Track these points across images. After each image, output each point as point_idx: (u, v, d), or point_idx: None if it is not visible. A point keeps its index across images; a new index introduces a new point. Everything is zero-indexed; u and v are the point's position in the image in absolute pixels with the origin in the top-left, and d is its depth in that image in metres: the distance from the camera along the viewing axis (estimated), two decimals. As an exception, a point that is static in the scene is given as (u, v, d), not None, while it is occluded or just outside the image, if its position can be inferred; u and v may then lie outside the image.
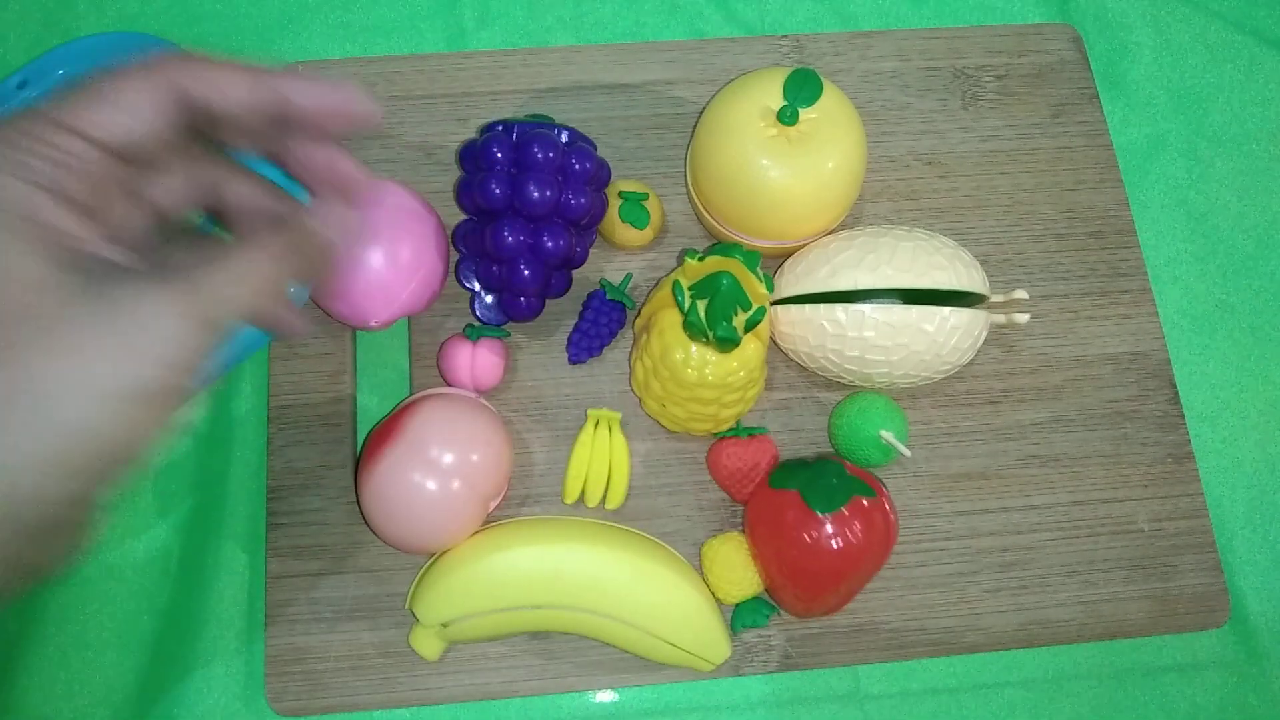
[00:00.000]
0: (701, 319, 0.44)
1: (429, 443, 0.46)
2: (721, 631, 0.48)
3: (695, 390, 0.47)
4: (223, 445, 0.54)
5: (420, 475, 0.46)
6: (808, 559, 0.46)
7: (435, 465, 0.46)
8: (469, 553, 0.47)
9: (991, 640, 0.51)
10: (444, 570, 0.47)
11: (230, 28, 0.62)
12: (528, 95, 0.59)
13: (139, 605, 0.51)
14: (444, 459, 0.46)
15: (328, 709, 0.49)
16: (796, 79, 0.49)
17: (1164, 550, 0.53)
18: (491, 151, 0.48)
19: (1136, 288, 0.58)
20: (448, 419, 0.47)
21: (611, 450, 0.52)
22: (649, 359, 0.48)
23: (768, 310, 0.46)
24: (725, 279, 0.44)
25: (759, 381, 0.50)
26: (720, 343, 0.44)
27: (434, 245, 0.51)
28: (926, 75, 0.61)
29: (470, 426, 0.47)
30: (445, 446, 0.46)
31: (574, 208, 0.48)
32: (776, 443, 0.53)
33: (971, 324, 0.49)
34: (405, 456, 0.46)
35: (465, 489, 0.46)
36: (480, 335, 0.52)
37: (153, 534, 0.52)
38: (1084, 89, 0.61)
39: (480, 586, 0.46)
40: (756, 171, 0.48)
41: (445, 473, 0.46)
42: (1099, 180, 0.59)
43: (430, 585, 0.47)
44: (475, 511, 0.48)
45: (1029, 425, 0.55)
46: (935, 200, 0.58)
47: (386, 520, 0.47)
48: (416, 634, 0.47)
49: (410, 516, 0.46)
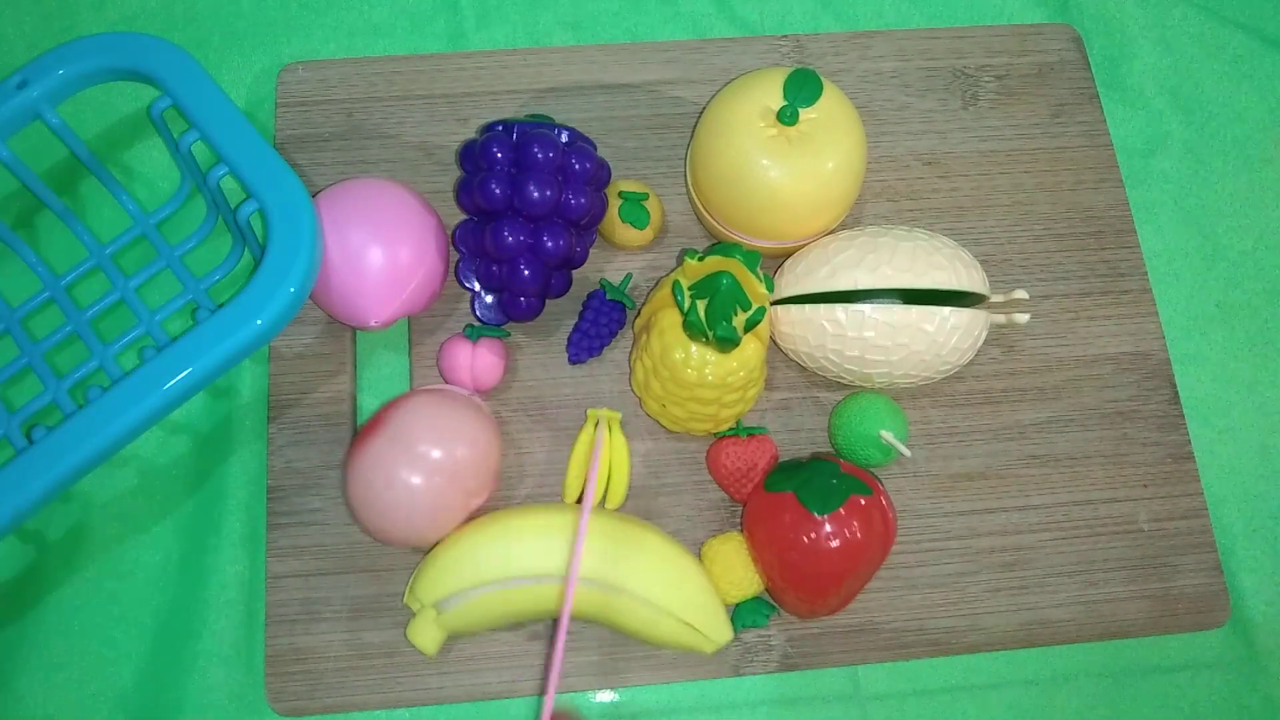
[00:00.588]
0: (701, 319, 0.44)
1: (413, 435, 0.46)
2: (724, 613, 0.48)
3: (695, 390, 0.47)
4: (223, 445, 0.54)
5: (403, 468, 0.46)
6: (807, 560, 0.46)
7: (419, 458, 0.46)
8: (465, 531, 0.47)
9: (991, 640, 0.51)
10: (440, 549, 0.47)
11: (230, 28, 0.62)
12: (528, 95, 0.59)
13: (139, 605, 0.51)
14: (428, 453, 0.46)
15: (328, 709, 0.49)
16: (796, 79, 0.49)
17: (1164, 550, 0.53)
18: (491, 151, 0.48)
19: (1136, 288, 0.58)
20: (433, 413, 0.47)
21: (612, 450, 0.52)
22: (649, 359, 0.48)
23: (768, 310, 0.46)
24: (725, 279, 0.44)
25: (759, 381, 0.50)
26: (720, 343, 0.44)
27: (434, 245, 0.51)
28: (926, 75, 0.61)
29: (456, 421, 0.47)
30: (429, 440, 0.46)
31: (574, 208, 0.48)
32: (777, 443, 0.53)
33: (971, 324, 0.49)
34: (387, 447, 0.46)
35: (445, 482, 0.46)
36: (480, 335, 0.52)
37: (153, 534, 0.52)
38: (1084, 89, 0.61)
39: (479, 559, 0.46)
40: (756, 171, 0.48)
41: (428, 466, 0.46)
42: (1099, 180, 0.59)
43: (425, 566, 0.47)
44: (456, 505, 0.47)
45: (1029, 425, 0.55)
46: (935, 200, 0.58)
47: (365, 509, 0.47)
48: (414, 625, 0.47)
49: (388, 507, 0.46)
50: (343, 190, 0.50)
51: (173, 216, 0.57)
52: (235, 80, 0.60)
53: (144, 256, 0.56)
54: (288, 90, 0.58)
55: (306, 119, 0.57)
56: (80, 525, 0.52)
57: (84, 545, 0.52)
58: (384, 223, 0.49)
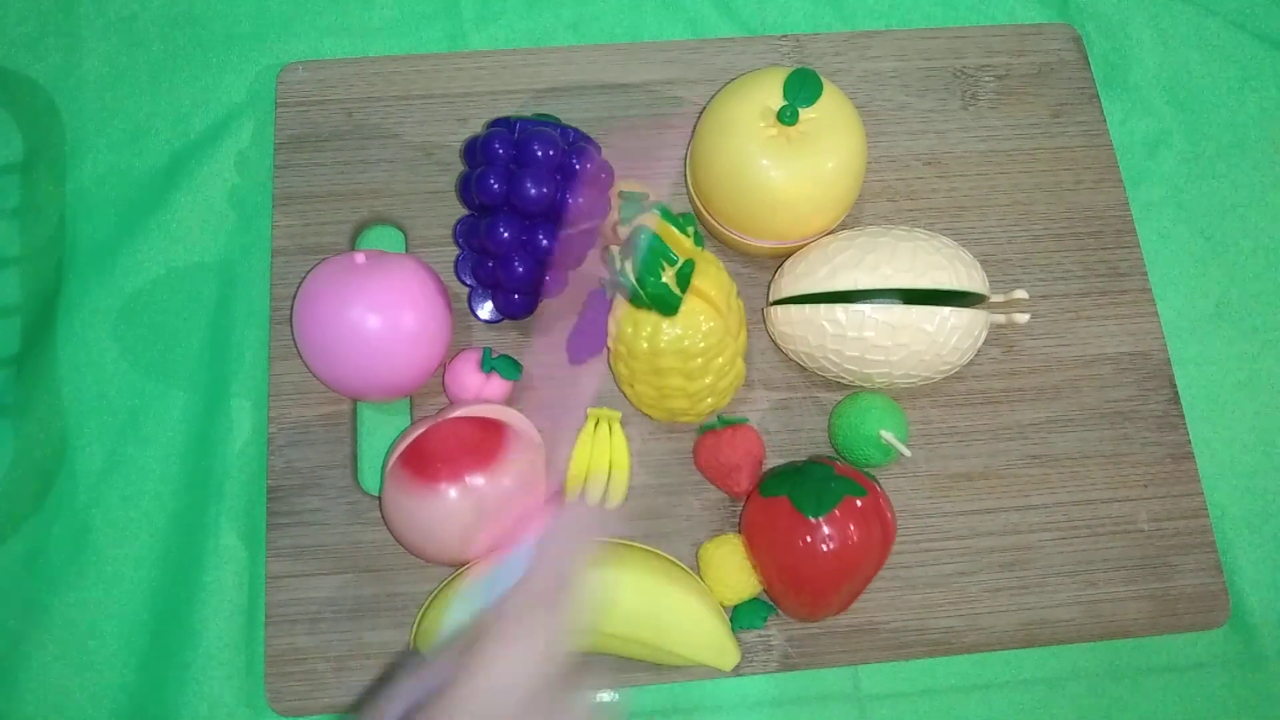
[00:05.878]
0: (631, 279, 0.44)
1: (499, 503, 0.46)
2: (730, 637, 0.48)
3: (653, 362, 0.46)
4: (223, 445, 0.54)
5: (462, 512, 0.46)
6: (805, 564, 0.46)
7: (488, 518, 0.46)
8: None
9: (991, 640, 0.51)
10: (446, 604, 0.47)
11: (230, 28, 0.62)
12: (527, 95, 0.59)
13: (139, 605, 0.51)
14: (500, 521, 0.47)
15: (328, 709, 0.49)
16: (796, 79, 0.49)
17: (1164, 550, 0.53)
18: (493, 147, 0.48)
19: (1136, 288, 0.58)
20: (523, 482, 0.48)
21: (611, 449, 0.52)
22: (613, 342, 0.48)
23: (719, 269, 0.45)
24: (643, 233, 0.44)
25: (732, 360, 0.49)
26: (657, 302, 0.44)
27: (439, 333, 0.50)
28: (926, 75, 0.61)
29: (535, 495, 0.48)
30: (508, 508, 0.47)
31: (571, 207, 0.48)
32: (777, 443, 0.53)
33: (971, 324, 0.49)
34: (459, 491, 0.46)
35: (484, 526, 0.47)
36: (493, 368, 0.51)
37: (152, 534, 0.52)
38: (1084, 89, 0.61)
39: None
40: (756, 171, 0.48)
41: (486, 518, 0.46)
42: (1099, 180, 0.59)
43: (434, 620, 0.47)
44: (481, 542, 0.47)
45: (1029, 425, 0.55)
46: (935, 200, 0.58)
47: (404, 529, 0.47)
48: None
49: (428, 535, 0.46)
50: (379, 268, 0.49)
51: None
52: (235, 80, 0.60)
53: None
54: (288, 90, 0.58)
55: (306, 119, 0.57)
56: (80, 525, 0.52)
57: (84, 545, 0.52)
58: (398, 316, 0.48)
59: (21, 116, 0.59)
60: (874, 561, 0.47)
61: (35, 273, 0.56)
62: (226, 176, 0.58)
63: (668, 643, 0.46)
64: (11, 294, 0.56)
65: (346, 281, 0.48)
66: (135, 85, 0.60)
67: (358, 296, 0.47)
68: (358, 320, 0.47)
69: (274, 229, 0.55)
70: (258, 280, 0.56)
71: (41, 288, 0.56)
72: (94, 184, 0.58)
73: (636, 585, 0.47)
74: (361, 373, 0.48)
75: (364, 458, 0.53)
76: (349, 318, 0.47)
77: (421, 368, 0.50)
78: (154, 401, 0.54)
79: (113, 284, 0.56)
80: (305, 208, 0.56)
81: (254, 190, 0.58)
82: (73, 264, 0.56)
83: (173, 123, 0.59)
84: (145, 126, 0.59)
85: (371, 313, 0.47)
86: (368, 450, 0.53)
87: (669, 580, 0.47)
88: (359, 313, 0.47)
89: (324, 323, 0.47)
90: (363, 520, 0.51)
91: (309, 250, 0.55)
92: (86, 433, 0.53)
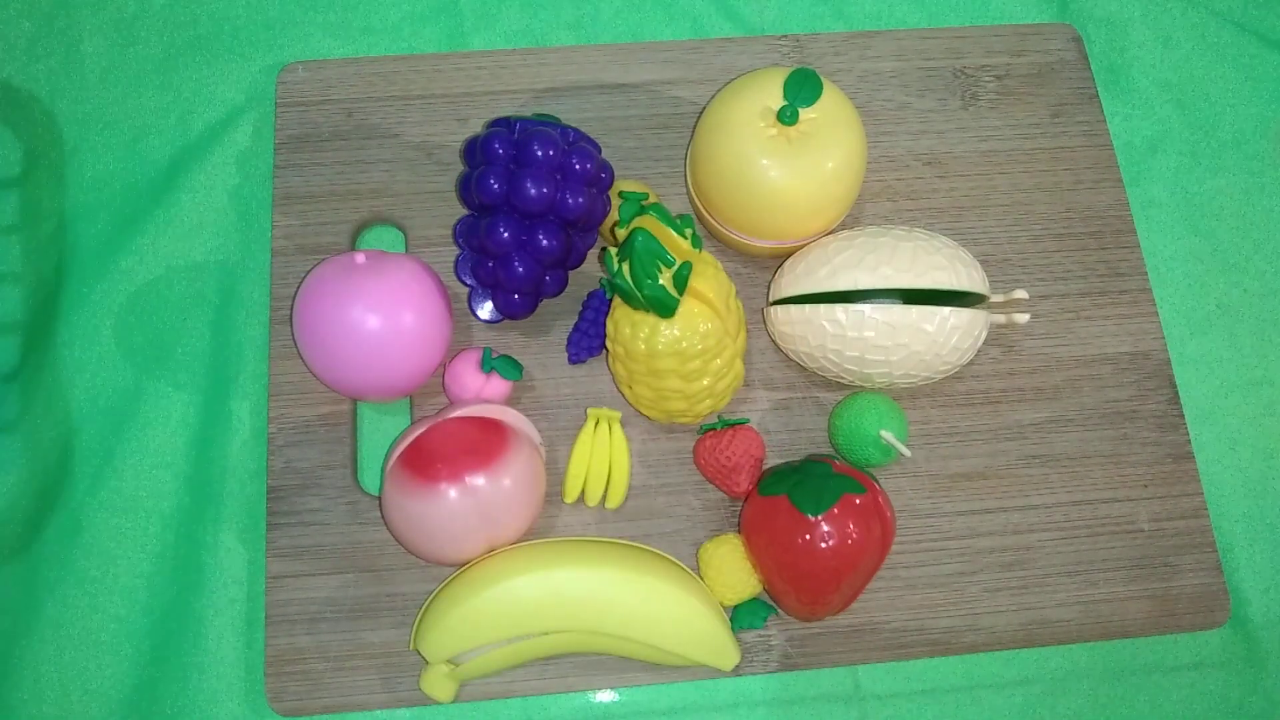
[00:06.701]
0: (628, 281, 0.44)
1: (499, 503, 0.47)
2: (730, 637, 0.48)
3: (650, 363, 0.46)
4: (223, 445, 0.54)
5: (462, 513, 0.46)
6: (804, 562, 0.46)
7: (488, 518, 0.47)
8: (469, 586, 0.46)
9: (991, 640, 0.51)
10: (445, 606, 0.46)
11: (230, 28, 0.62)
12: (527, 95, 0.59)
13: (139, 605, 0.51)
14: (499, 518, 0.47)
15: (328, 709, 0.49)
16: (796, 79, 0.49)
17: (1164, 550, 0.53)
18: (493, 146, 0.48)
19: (1136, 288, 0.58)
20: (523, 483, 0.48)
21: (611, 449, 0.52)
22: (611, 343, 0.48)
23: (721, 272, 0.45)
24: (639, 236, 0.43)
25: (731, 362, 0.49)
26: (654, 304, 0.44)
27: (439, 333, 0.50)
28: (926, 75, 0.61)
29: (537, 497, 0.49)
30: (507, 508, 0.47)
31: (570, 207, 0.48)
32: (777, 443, 0.53)
33: (971, 324, 0.49)
34: (459, 491, 0.46)
35: (484, 527, 0.47)
36: (493, 368, 0.51)
37: (152, 534, 0.52)
38: (1084, 89, 0.61)
39: (484, 618, 0.46)
40: (756, 171, 0.48)
41: (486, 519, 0.46)
42: (1098, 180, 0.59)
43: (433, 622, 0.46)
44: (481, 542, 0.48)
45: (1029, 425, 0.55)
46: (935, 200, 0.58)
47: (404, 529, 0.47)
48: (427, 677, 0.46)
49: (428, 535, 0.47)
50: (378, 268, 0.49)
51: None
52: (235, 80, 0.60)
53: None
54: (288, 90, 0.58)
55: (306, 119, 0.57)
56: (79, 526, 0.52)
57: (83, 545, 0.52)
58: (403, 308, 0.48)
59: (21, 117, 0.59)
60: (874, 559, 0.47)
61: (35, 273, 0.56)
62: (226, 176, 0.58)
63: (668, 643, 0.46)
64: (12, 295, 0.56)
65: (346, 281, 0.48)
66: (135, 85, 0.60)
67: (358, 296, 0.47)
68: (357, 320, 0.47)
69: (274, 229, 0.55)
70: (258, 280, 0.56)
71: (42, 288, 0.56)
72: (94, 184, 0.58)
73: (636, 585, 0.47)
74: (361, 373, 0.48)
75: (364, 458, 0.53)
76: (349, 318, 0.47)
77: (421, 368, 0.50)
78: (154, 401, 0.54)
79: (113, 284, 0.56)
80: (305, 208, 0.56)
81: (254, 190, 0.58)
82: (73, 264, 0.56)
83: (173, 123, 0.59)
84: (145, 127, 0.59)
85: (371, 313, 0.47)
86: (368, 450, 0.54)
87: (669, 580, 0.47)
88: (359, 313, 0.47)
89: (324, 323, 0.47)
90: (362, 520, 0.51)
91: (309, 250, 0.55)
92: (87, 432, 0.54)
